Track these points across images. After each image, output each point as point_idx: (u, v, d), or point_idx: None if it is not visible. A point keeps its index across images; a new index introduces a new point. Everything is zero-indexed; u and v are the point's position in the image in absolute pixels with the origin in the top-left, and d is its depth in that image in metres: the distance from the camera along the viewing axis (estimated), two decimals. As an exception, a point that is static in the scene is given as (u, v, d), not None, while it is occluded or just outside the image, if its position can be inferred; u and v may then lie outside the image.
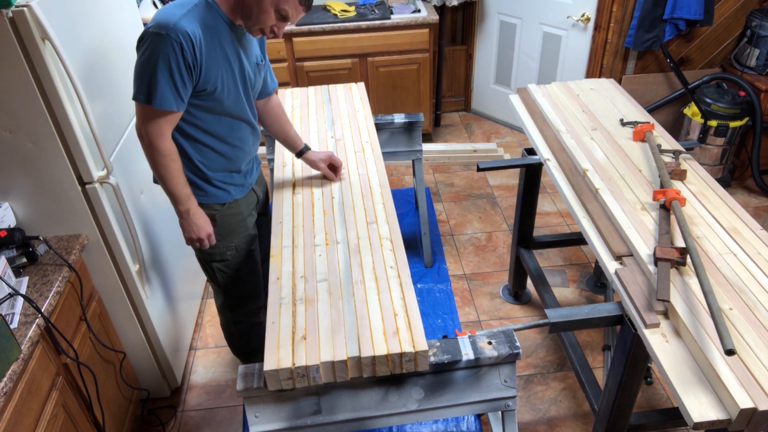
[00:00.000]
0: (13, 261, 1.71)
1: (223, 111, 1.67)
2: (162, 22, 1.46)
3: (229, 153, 1.75)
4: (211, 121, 1.67)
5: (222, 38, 1.58)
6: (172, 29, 1.45)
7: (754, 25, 3.19)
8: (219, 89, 1.61)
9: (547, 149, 2.16)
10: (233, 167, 1.78)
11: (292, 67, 3.55)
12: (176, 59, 1.47)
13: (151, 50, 1.46)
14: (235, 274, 1.93)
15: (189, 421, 2.28)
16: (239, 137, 1.76)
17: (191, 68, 1.51)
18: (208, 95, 1.60)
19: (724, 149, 3.27)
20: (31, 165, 1.71)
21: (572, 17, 3.46)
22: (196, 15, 1.51)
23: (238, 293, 2.00)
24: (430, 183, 3.65)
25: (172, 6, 1.52)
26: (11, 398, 1.43)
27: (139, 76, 1.50)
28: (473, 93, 4.35)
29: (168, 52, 1.46)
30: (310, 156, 1.98)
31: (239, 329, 2.12)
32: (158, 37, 1.45)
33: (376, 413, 1.47)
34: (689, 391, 1.28)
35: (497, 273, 2.93)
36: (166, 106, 1.51)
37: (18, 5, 1.48)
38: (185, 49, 1.47)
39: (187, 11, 1.50)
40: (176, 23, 1.46)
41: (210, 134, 1.69)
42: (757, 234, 1.65)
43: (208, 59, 1.54)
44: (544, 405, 2.28)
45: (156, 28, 1.46)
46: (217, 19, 1.56)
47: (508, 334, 1.49)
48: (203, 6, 1.54)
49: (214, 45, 1.56)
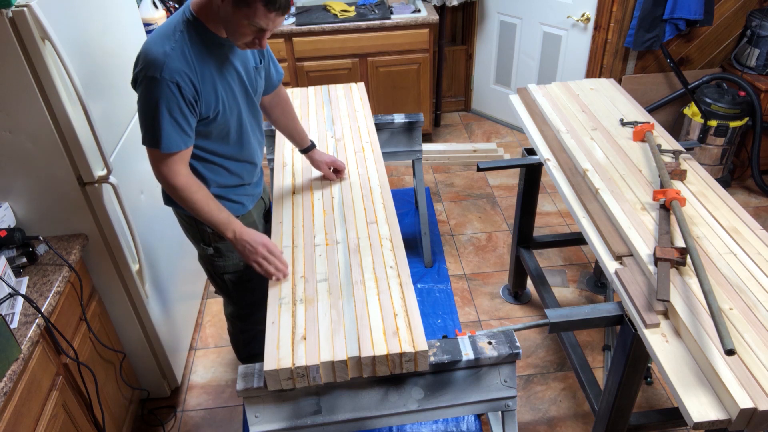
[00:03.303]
0: (13, 261, 1.71)
1: (229, 131, 1.64)
2: (152, 63, 1.41)
3: (240, 170, 1.74)
4: (220, 143, 1.64)
5: (213, 58, 1.53)
6: (166, 70, 1.41)
7: (754, 25, 3.19)
8: (221, 111, 1.57)
9: (547, 149, 2.16)
10: (245, 181, 1.78)
11: (292, 67, 3.55)
12: (176, 100, 1.43)
13: (148, 95, 1.43)
14: (247, 284, 1.91)
15: (189, 421, 2.28)
16: (248, 153, 1.74)
17: (193, 104, 1.48)
18: (212, 120, 1.57)
19: (724, 149, 3.27)
20: (31, 165, 1.71)
21: (572, 17, 3.46)
22: (184, 44, 1.45)
23: (250, 302, 1.98)
24: (430, 183, 3.65)
25: (158, 37, 1.46)
26: (11, 398, 1.43)
27: (143, 122, 1.48)
28: (473, 93, 4.35)
29: (167, 95, 1.42)
30: (315, 156, 1.96)
31: (246, 338, 2.11)
32: (153, 81, 1.41)
33: (376, 413, 1.47)
34: (689, 391, 1.28)
35: (497, 273, 2.93)
36: (174, 148, 1.49)
37: (18, 5, 1.48)
38: (182, 87, 1.43)
39: (174, 43, 1.44)
40: (166, 63, 1.41)
41: (221, 155, 1.67)
42: (757, 234, 1.65)
43: (205, 87, 1.50)
44: (544, 405, 2.28)
45: (148, 71, 1.41)
46: (204, 40, 1.50)
47: (508, 334, 1.49)
48: (189, 29, 1.48)
49: (208, 69, 1.51)
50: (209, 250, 1.81)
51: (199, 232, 1.78)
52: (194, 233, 1.81)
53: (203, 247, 1.82)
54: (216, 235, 1.76)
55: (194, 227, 1.78)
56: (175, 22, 1.49)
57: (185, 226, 1.83)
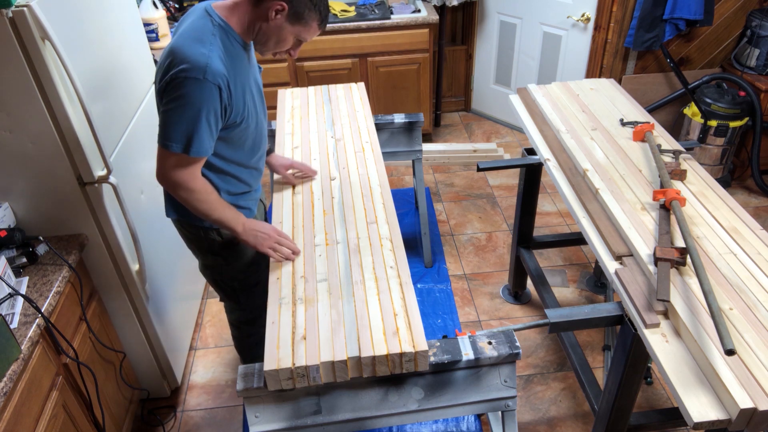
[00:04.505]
0: (13, 261, 1.71)
1: (248, 137, 1.63)
2: (195, 64, 1.37)
3: (248, 177, 1.73)
4: (235, 150, 1.62)
5: (240, 62, 1.52)
6: (210, 73, 1.37)
7: (754, 25, 3.19)
8: (246, 118, 1.56)
9: (547, 149, 2.16)
10: (252, 188, 1.78)
11: (292, 67, 3.55)
12: (214, 105, 1.41)
13: (188, 97, 1.38)
14: (254, 288, 1.90)
15: (189, 421, 2.28)
16: (258, 159, 1.73)
17: (225, 110, 1.46)
18: (237, 126, 1.55)
19: (724, 149, 3.27)
20: (31, 165, 1.71)
21: (572, 17, 3.46)
22: (219, 47, 1.43)
23: (257, 305, 1.95)
24: (430, 183, 3.65)
25: (192, 40, 1.41)
26: (11, 398, 1.43)
27: (175, 125, 1.41)
28: (473, 93, 4.35)
29: (209, 99, 1.39)
30: (272, 160, 1.94)
31: (252, 341, 2.10)
32: (196, 83, 1.36)
33: (376, 413, 1.47)
34: (689, 391, 1.28)
35: (497, 273, 2.93)
36: (203, 153, 1.46)
37: (18, 5, 1.48)
38: (223, 91, 1.41)
39: (212, 45, 1.41)
40: (209, 64, 1.37)
41: (233, 162, 1.65)
42: (757, 234, 1.65)
43: (236, 93, 1.48)
44: (544, 405, 2.28)
45: (190, 72, 1.36)
46: (234, 44, 1.49)
47: (508, 334, 1.49)
48: (220, 32, 1.45)
49: (237, 74, 1.49)
50: (218, 259, 1.79)
51: (206, 242, 1.75)
52: (200, 245, 1.78)
53: (212, 258, 1.80)
54: (222, 244, 1.75)
55: (201, 238, 1.75)
56: (204, 25, 1.45)
57: (190, 238, 1.79)
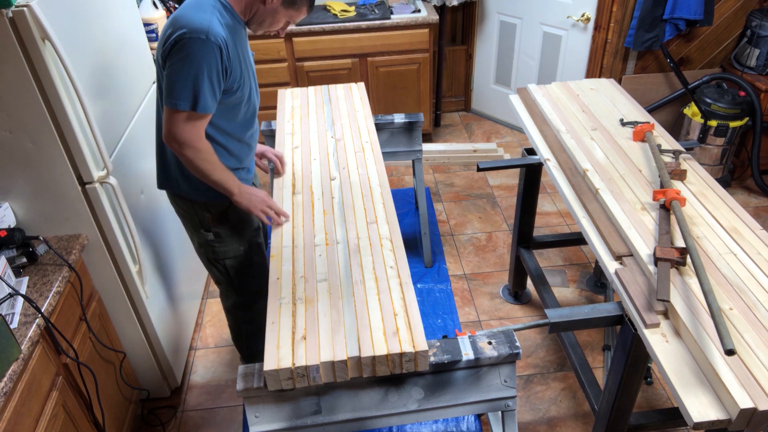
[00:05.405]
0: (13, 261, 1.71)
1: (241, 107, 1.70)
2: (197, 27, 1.47)
3: (240, 151, 1.79)
4: (228, 121, 1.70)
5: (238, 37, 1.62)
6: (212, 34, 1.47)
7: (754, 25, 3.19)
8: (241, 86, 1.65)
9: (547, 149, 2.16)
10: (243, 165, 1.82)
11: (292, 67, 3.55)
12: (216, 64, 1.50)
13: (192, 56, 1.47)
14: (248, 269, 1.94)
15: (189, 421, 2.28)
16: (249, 135, 1.80)
17: (225, 72, 1.55)
18: (233, 92, 1.64)
19: (724, 149, 3.27)
20: (31, 165, 1.71)
21: (572, 17, 3.46)
22: (219, 17, 1.54)
23: (251, 289, 2.00)
24: (430, 183, 3.65)
25: (192, 9, 1.52)
26: (11, 398, 1.43)
27: (181, 83, 1.49)
28: (473, 93, 4.35)
29: (210, 57, 1.48)
30: None
31: (248, 331, 2.11)
32: (199, 42, 1.46)
33: (376, 413, 1.47)
34: (689, 391, 1.28)
35: (497, 273, 2.93)
36: (208, 109, 1.55)
37: (18, 5, 1.48)
38: (223, 51, 1.51)
39: (212, 14, 1.51)
40: (210, 27, 1.48)
41: (226, 134, 1.72)
42: (757, 234, 1.65)
43: (234, 59, 1.59)
44: (544, 405, 2.28)
45: (193, 33, 1.46)
46: (232, 19, 1.60)
47: (508, 334, 1.49)
48: (219, 6, 1.57)
49: (235, 45, 1.60)
50: (209, 235, 1.83)
51: (198, 217, 1.81)
52: (193, 220, 1.84)
53: (203, 234, 1.84)
54: (215, 220, 1.81)
55: (193, 213, 1.81)
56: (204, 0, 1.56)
57: (184, 214, 1.86)
